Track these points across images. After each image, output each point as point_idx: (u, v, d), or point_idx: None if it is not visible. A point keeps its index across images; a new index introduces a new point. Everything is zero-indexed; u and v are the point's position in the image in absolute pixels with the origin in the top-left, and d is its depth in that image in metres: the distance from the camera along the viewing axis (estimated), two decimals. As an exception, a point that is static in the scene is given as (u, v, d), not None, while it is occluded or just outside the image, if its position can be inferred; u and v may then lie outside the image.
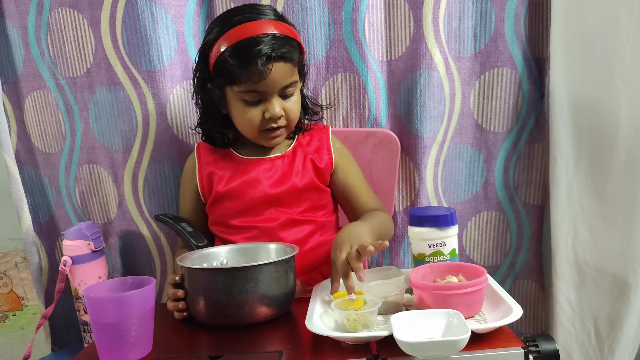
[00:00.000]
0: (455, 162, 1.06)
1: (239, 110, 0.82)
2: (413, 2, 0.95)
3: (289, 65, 0.80)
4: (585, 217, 0.96)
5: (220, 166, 0.87)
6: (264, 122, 0.81)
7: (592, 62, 0.91)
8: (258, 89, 0.79)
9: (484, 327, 0.58)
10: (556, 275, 0.99)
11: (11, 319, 1.22)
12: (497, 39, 1.00)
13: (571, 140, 0.95)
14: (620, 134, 0.91)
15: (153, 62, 0.94)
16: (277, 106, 0.80)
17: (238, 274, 0.67)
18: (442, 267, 0.69)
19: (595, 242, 0.96)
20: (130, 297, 0.59)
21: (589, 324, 0.99)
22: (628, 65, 0.88)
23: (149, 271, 1.05)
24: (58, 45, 0.99)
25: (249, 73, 0.77)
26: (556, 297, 1.00)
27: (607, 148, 0.92)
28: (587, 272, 0.97)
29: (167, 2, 0.94)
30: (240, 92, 0.80)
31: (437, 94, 0.99)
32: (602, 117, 0.92)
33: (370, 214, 0.84)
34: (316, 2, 0.96)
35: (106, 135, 1.00)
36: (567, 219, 0.97)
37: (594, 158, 0.94)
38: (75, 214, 1.07)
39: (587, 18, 0.91)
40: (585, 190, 0.95)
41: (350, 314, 0.61)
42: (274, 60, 0.77)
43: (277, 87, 0.80)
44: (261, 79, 0.77)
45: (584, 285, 0.98)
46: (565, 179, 0.96)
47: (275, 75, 0.78)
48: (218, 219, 0.88)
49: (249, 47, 0.77)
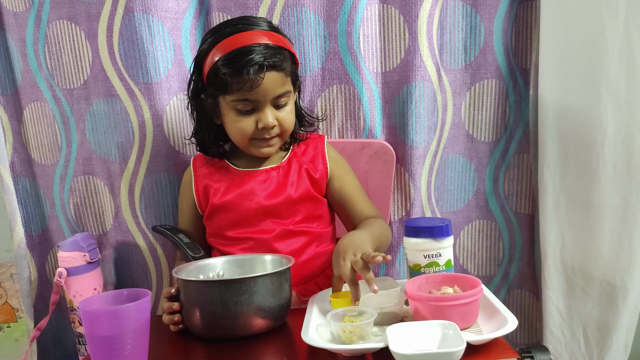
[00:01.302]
0: (447, 172, 1.07)
1: (232, 120, 0.82)
2: (408, 15, 0.97)
3: (281, 74, 0.80)
4: (573, 227, 0.97)
5: (215, 178, 0.87)
6: (257, 132, 0.82)
7: (579, 74, 0.93)
8: (250, 98, 0.79)
9: (479, 338, 0.58)
10: (545, 284, 1.00)
11: (5, 330, 1.21)
12: (487, 51, 1.02)
13: (558, 151, 0.97)
14: (607, 144, 0.92)
15: (150, 74, 0.95)
16: (269, 116, 0.81)
17: (233, 286, 0.67)
18: (438, 278, 0.69)
19: (583, 251, 0.97)
20: (126, 310, 0.59)
21: (578, 332, 1.00)
22: (614, 77, 0.90)
23: (144, 282, 1.04)
24: (55, 58, 0.99)
25: (240, 81, 0.77)
26: (546, 305, 1.01)
27: (594, 159, 0.93)
28: (575, 280, 0.98)
29: (164, 15, 0.95)
30: (233, 101, 0.80)
31: (431, 105, 1.00)
32: (589, 128, 0.93)
33: (369, 222, 0.84)
34: (312, 14, 0.97)
35: (103, 146, 1.00)
36: (554, 229, 0.98)
37: (580, 169, 0.95)
38: (68, 226, 1.07)
39: (574, 30, 0.92)
40: (572, 200, 0.96)
41: (346, 326, 0.61)
42: (265, 69, 0.77)
43: (269, 96, 0.80)
44: (253, 87, 0.77)
45: (573, 294, 0.99)
46: (552, 189, 0.98)
47: (267, 84, 0.79)
48: (215, 230, 0.88)
49: (241, 56, 0.77)
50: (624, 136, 0.91)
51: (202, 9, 1.01)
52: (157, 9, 0.94)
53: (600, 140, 0.92)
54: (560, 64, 0.95)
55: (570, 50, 0.93)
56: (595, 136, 0.93)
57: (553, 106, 0.96)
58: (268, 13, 0.97)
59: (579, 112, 0.94)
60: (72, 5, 0.96)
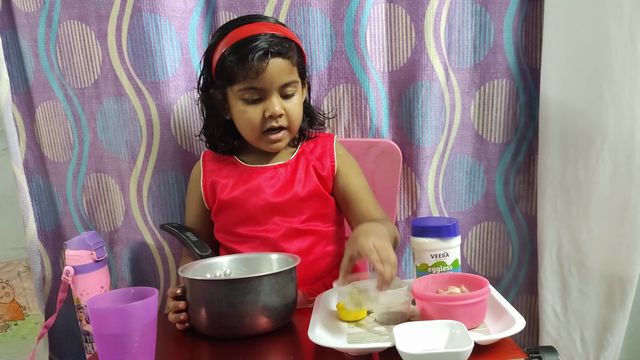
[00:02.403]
0: (455, 172, 1.06)
1: (240, 111, 0.82)
2: (414, 14, 0.96)
3: (286, 62, 0.80)
4: (570, 228, 0.96)
5: (223, 174, 0.88)
6: (265, 122, 0.81)
7: (582, 75, 0.92)
8: (257, 86, 0.79)
9: (486, 338, 0.57)
10: (542, 285, 1.00)
11: (13, 328, 1.22)
12: (496, 50, 1.01)
13: (557, 152, 0.96)
14: (607, 145, 0.91)
15: (157, 73, 0.95)
16: (276, 104, 0.80)
17: (238, 285, 0.67)
18: (445, 278, 0.69)
19: (580, 252, 0.96)
20: (133, 309, 0.59)
21: (575, 333, 0.99)
22: (617, 79, 0.89)
23: (153, 279, 1.05)
24: (67, 57, 1.01)
25: (246, 68, 0.78)
26: (542, 307, 1.00)
27: (593, 159, 0.93)
28: (572, 281, 0.98)
29: (172, 14, 0.95)
30: (240, 91, 0.80)
31: (438, 104, 0.99)
32: (589, 128, 0.92)
33: (381, 221, 0.82)
34: (318, 14, 0.97)
35: (113, 144, 1.01)
36: (552, 230, 0.98)
37: (579, 169, 0.94)
38: (81, 222, 1.08)
39: (578, 31, 0.92)
40: (570, 200, 0.96)
41: (357, 284, 0.63)
42: (270, 55, 0.78)
43: (276, 84, 0.80)
44: (258, 73, 0.78)
45: (570, 295, 0.98)
46: (550, 191, 0.97)
47: (272, 70, 0.79)
48: (223, 226, 0.88)
49: (246, 44, 0.78)
50: (625, 138, 0.90)
51: (209, 8, 1.01)
52: (164, 9, 0.94)
53: (600, 141, 0.92)
54: (563, 64, 0.94)
55: (573, 50, 0.92)
56: (595, 137, 0.92)
57: (554, 106, 0.95)
58: (275, 12, 0.97)
59: (580, 113, 0.93)
60: (83, 5, 0.97)
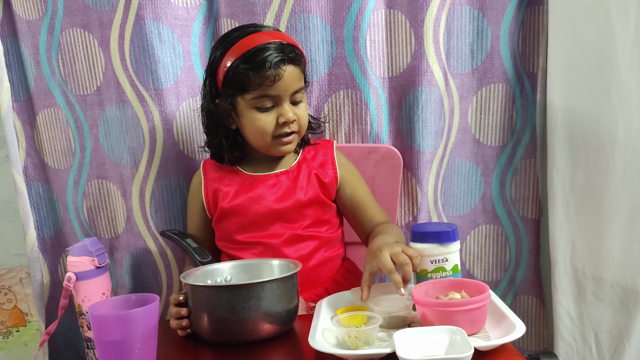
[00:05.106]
0: (454, 176, 1.07)
1: (251, 119, 0.82)
2: (414, 20, 0.97)
3: (298, 69, 0.82)
4: (583, 231, 0.96)
5: (225, 183, 0.88)
6: (277, 128, 0.83)
7: (588, 78, 0.92)
8: (270, 94, 0.80)
9: (487, 344, 0.57)
10: (555, 289, 0.99)
11: (15, 335, 1.22)
12: (493, 55, 1.02)
13: (567, 156, 0.96)
14: (617, 149, 0.91)
15: (160, 80, 0.96)
16: (289, 110, 0.82)
17: (240, 291, 0.67)
18: (445, 284, 0.69)
19: (593, 255, 0.96)
20: (134, 315, 0.60)
21: (590, 338, 0.99)
22: (624, 81, 0.89)
23: (155, 285, 1.05)
24: (69, 64, 1.01)
25: (262, 76, 0.79)
26: (556, 310, 1.00)
27: (604, 163, 0.93)
28: (586, 285, 0.97)
29: (174, 22, 0.96)
30: (253, 99, 0.81)
31: (438, 109, 1.00)
32: (598, 132, 0.92)
33: (386, 227, 0.83)
34: (318, 20, 0.98)
35: (115, 151, 1.02)
36: (565, 234, 0.98)
37: (590, 173, 0.94)
38: (82, 229, 1.08)
39: (583, 34, 0.92)
40: (582, 204, 0.96)
41: (351, 331, 0.61)
42: (286, 62, 0.79)
43: (289, 90, 0.81)
44: (275, 80, 0.79)
45: (584, 299, 0.98)
46: (562, 194, 0.97)
47: (287, 78, 0.80)
48: (224, 234, 0.88)
49: (259, 52, 0.79)
50: (635, 140, 0.90)
51: (210, 15, 1.02)
52: (167, 17, 0.95)
53: (610, 145, 0.92)
54: (569, 68, 0.94)
55: (579, 54, 0.93)
56: (605, 140, 0.92)
57: (562, 111, 0.96)
58: (275, 19, 0.98)
59: (588, 117, 0.93)
60: (85, 13, 0.98)
